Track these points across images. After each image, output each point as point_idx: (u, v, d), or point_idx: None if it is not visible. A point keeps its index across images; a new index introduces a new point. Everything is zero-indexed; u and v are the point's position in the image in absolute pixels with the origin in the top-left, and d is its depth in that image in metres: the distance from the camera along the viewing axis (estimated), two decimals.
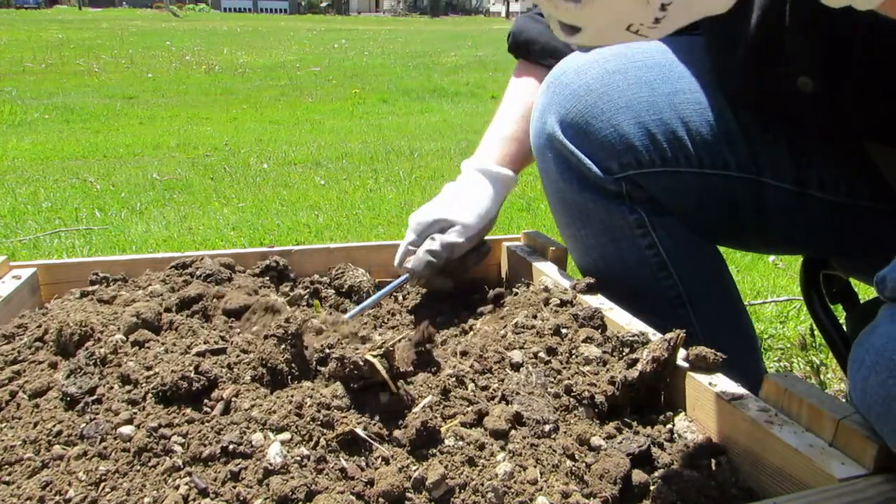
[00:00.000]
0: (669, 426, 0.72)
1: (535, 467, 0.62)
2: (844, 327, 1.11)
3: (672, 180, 0.94)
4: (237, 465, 0.58)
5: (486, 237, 1.16)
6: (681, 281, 0.99)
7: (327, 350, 0.72)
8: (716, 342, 0.80)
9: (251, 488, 0.57)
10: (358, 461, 0.60)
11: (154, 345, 0.75)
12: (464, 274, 1.12)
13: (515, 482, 0.60)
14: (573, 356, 0.80)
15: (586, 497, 0.60)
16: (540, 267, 1.10)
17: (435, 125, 5.38)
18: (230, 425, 0.62)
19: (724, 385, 0.70)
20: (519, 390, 0.72)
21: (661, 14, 0.43)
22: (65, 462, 0.60)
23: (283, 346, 0.70)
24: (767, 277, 2.16)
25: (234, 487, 0.57)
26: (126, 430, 0.62)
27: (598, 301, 0.94)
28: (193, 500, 0.56)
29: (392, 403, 0.66)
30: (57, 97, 6.45)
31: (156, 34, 15.49)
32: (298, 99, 6.89)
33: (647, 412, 0.75)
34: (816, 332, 1.47)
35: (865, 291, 1.31)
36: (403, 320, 1.06)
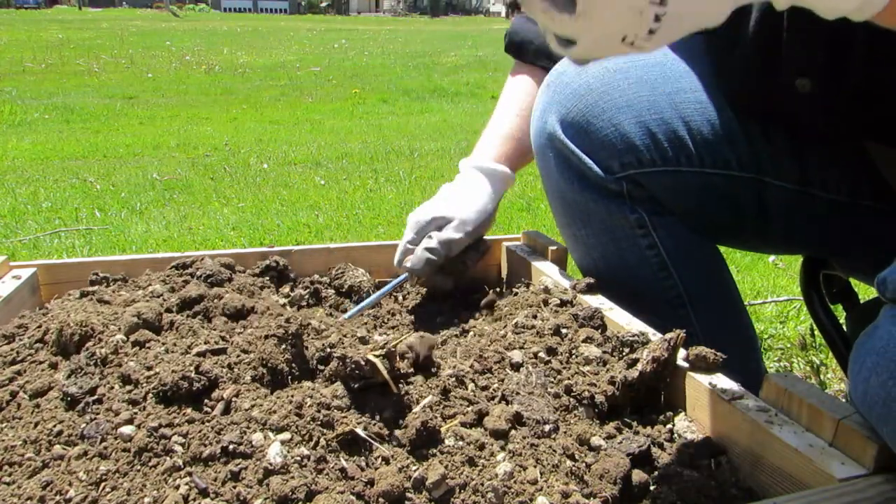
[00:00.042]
0: (669, 426, 0.73)
1: (535, 467, 0.62)
2: (844, 327, 1.12)
3: (673, 180, 0.94)
4: (237, 465, 0.58)
5: (487, 237, 1.16)
6: (681, 281, 0.99)
7: (328, 349, 0.72)
8: (716, 342, 0.80)
9: (251, 488, 0.57)
10: (358, 461, 0.60)
11: (154, 345, 0.75)
12: (464, 272, 1.12)
13: (515, 482, 0.60)
14: (573, 356, 0.80)
15: (586, 497, 0.60)
16: (540, 267, 1.10)
17: (435, 125, 5.38)
18: (230, 425, 0.62)
19: (724, 385, 0.70)
20: (519, 390, 0.72)
21: (656, 25, 0.44)
22: (65, 462, 0.60)
23: (284, 346, 0.70)
24: (767, 277, 2.16)
25: (235, 487, 0.57)
26: (126, 430, 0.62)
27: (598, 301, 0.94)
28: (194, 500, 0.56)
29: (392, 403, 0.66)
30: (57, 97, 6.45)
31: (156, 34, 15.49)
32: (298, 99, 6.89)
33: (647, 412, 0.75)
34: (816, 332, 1.47)
35: (865, 291, 1.31)
36: (403, 320, 1.06)
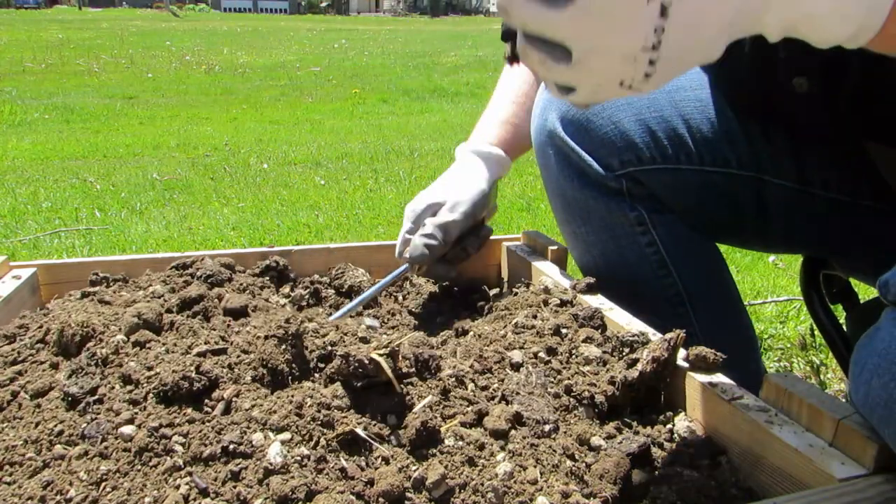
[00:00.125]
0: (669, 426, 0.72)
1: (535, 467, 0.62)
2: (844, 327, 1.12)
3: (672, 177, 0.94)
4: (237, 465, 0.58)
5: (488, 226, 1.15)
6: (680, 279, 0.99)
7: (329, 348, 0.72)
8: (715, 341, 0.80)
9: (251, 488, 0.57)
10: (358, 461, 0.60)
11: (155, 345, 0.75)
12: (465, 259, 1.10)
13: (515, 482, 0.60)
14: (573, 356, 0.80)
15: (586, 497, 0.60)
16: (540, 267, 1.10)
17: (435, 125, 5.38)
18: (231, 425, 0.62)
19: (724, 385, 0.70)
20: (519, 390, 0.72)
21: (651, 69, 0.45)
22: (66, 462, 0.60)
23: (284, 347, 0.70)
24: (767, 277, 2.16)
25: (235, 487, 0.57)
26: (127, 430, 0.62)
27: (598, 301, 0.94)
28: (194, 500, 0.56)
29: (392, 403, 0.66)
30: (57, 97, 6.46)
31: (156, 34, 15.49)
32: (298, 99, 6.90)
33: (647, 412, 0.75)
34: (816, 332, 1.47)
35: (865, 291, 1.31)
36: (403, 320, 1.06)
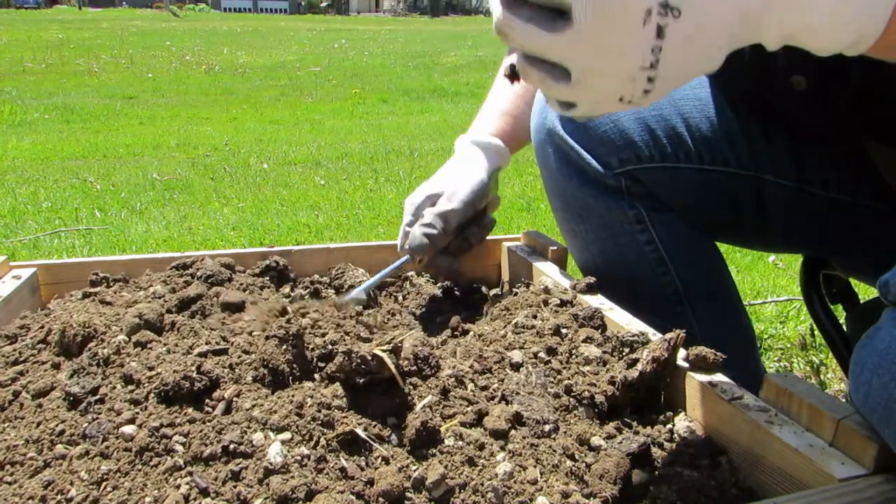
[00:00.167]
0: (669, 426, 0.73)
1: (535, 467, 0.62)
2: (844, 327, 1.12)
3: (671, 176, 0.94)
4: (238, 465, 0.58)
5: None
6: (678, 277, 0.99)
7: (330, 346, 0.72)
8: (714, 340, 0.80)
9: (251, 488, 0.57)
10: (358, 461, 0.60)
11: (156, 345, 0.75)
12: (467, 250, 1.09)
13: (515, 482, 0.60)
14: (573, 356, 0.80)
15: (586, 497, 0.60)
16: (540, 267, 1.10)
17: (435, 125, 5.38)
18: (231, 425, 0.62)
19: (724, 385, 0.70)
20: (519, 390, 0.72)
21: (650, 86, 0.47)
22: (67, 461, 0.60)
23: (285, 347, 0.70)
24: (767, 277, 2.16)
25: (235, 487, 0.57)
26: (128, 430, 0.62)
27: (598, 301, 0.94)
28: (194, 500, 0.56)
29: (392, 403, 0.66)
30: (57, 97, 6.46)
31: (156, 34, 15.49)
32: (298, 99, 6.90)
33: (647, 412, 0.75)
34: (816, 332, 1.47)
35: (865, 291, 1.31)
36: (403, 320, 1.06)
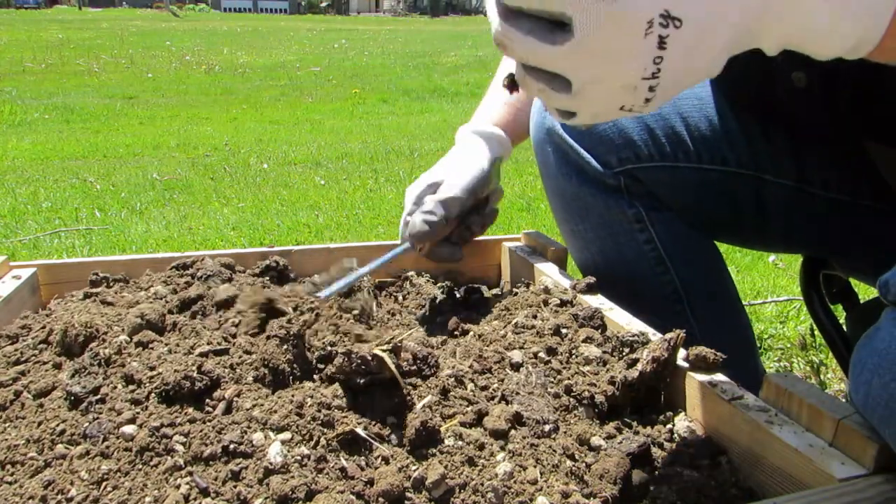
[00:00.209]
0: (669, 426, 0.73)
1: (535, 467, 0.62)
2: (844, 327, 1.12)
3: (670, 175, 0.94)
4: (238, 465, 0.58)
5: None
6: (678, 276, 0.99)
7: (329, 347, 0.72)
8: (713, 340, 0.80)
9: (251, 487, 0.57)
10: (358, 461, 0.60)
11: (157, 345, 0.75)
12: (469, 239, 1.08)
13: (515, 482, 0.60)
14: (573, 356, 0.80)
15: (586, 497, 0.60)
16: (540, 267, 1.10)
17: (435, 125, 5.38)
18: (231, 425, 0.62)
19: (724, 385, 0.70)
20: (519, 390, 0.72)
21: (651, 94, 0.46)
22: (67, 461, 0.60)
23: (286, 347, 0.70)
24: (767, 277, 2.16)
25: (235, 487, 0.57)
26: (128, 430, 0.62)
27: (598, 301, 0.94)
28: (194, 500, 0.56)
29: (392, 403, 0.66)
30: (57, 97, 6.46)
31: (156, 34, 15.49)
32: (298, 99, 6.90)
33: (647, 412, 0.75)
34: (816, 332, 1.47)
35: (865, 291, 1.31)
36: (403, 320, 1.06)
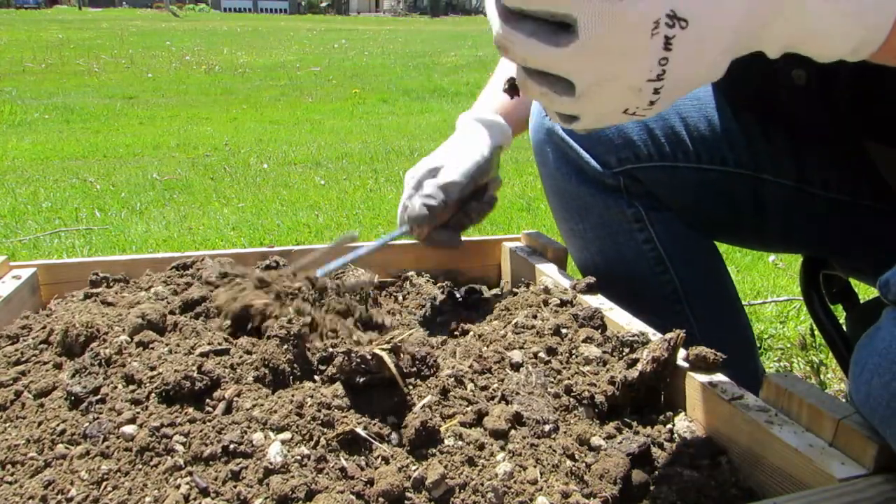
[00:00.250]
0: (669, 426, 0.73)
1: (535, 467, 0.62)
2: (844, 327, 1.12)
3: (670, 175, 0.94)
4: (238, 465, 0.59)
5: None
6: (677, 276, 0.99)
7: (330, 348, 0.72)
8: (713, 340, 0.80)
9: (251, 487, 0.57)
10: (358, 461, 0.60)
11: (158, 345, 0.75)
12: (468, 226, 1.07)
13: (515, 482, 0.60)
14: (573, 356, 0.80)
15: (586, 497, 0.60)
16: (540, 267, 1.10)
17: (435, 125, 5.38)
18: (231, 425, 0.62)
19: (724, 385, 0.70)
20: (519, 390, 0.72)
21: (655, 97, 0.46)
22: (67, 461, 0.60)
23: (286, 347, 0.70)
24: (767, 277, 2.16)
25: (235, 487, 0.57)
26: (129, 430, 0.62)
27: (598, 301, 0.94)
28: (194, 500, 0.56)
29: (392, 403, 0.66)
30: (57, 97, 6.46)
31: (156, 34, 15.49)
32: (298, 99, 6.90)
33: (647, 412, 0.75)
34: (816, 332, 1.47)
35: (865, 291, 1.31)
36: (404, 320, 1.06)
